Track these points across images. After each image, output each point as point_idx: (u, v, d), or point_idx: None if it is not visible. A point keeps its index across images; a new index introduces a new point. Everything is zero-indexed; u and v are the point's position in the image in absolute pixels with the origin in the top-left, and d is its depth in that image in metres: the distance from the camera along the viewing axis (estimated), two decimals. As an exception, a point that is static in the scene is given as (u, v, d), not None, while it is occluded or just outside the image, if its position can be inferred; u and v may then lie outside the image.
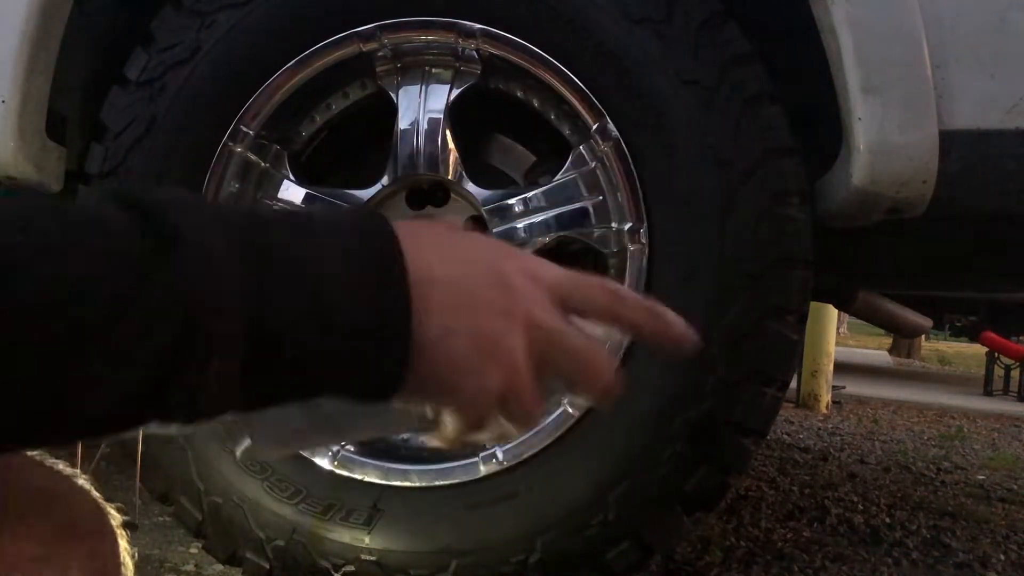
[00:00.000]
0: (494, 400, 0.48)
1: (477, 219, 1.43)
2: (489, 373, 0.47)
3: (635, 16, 1.29)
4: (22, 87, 1.38)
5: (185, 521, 1.45)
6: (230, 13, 1.40)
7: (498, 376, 0.47)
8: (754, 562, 1.83)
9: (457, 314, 0.46)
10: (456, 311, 0.46)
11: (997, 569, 1.95)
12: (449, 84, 1.41)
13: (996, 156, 1.20)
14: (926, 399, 6.10)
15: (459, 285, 0.47)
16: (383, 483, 1.38)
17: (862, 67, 1.19)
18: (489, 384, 0.47)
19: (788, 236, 1.28)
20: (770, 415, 1.34)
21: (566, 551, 1.31)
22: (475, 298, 0.47)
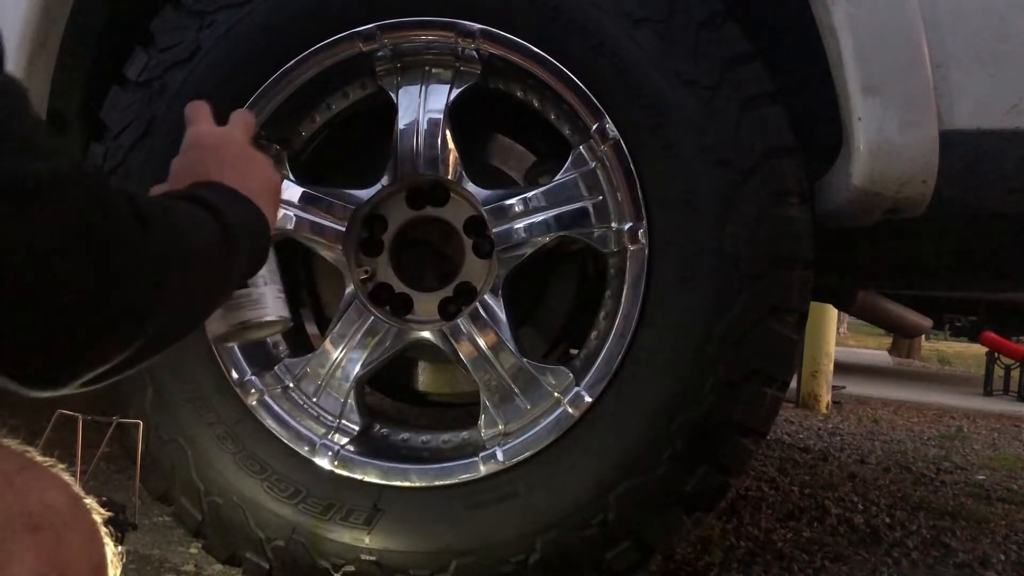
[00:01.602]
0: (279, 192, 0.97)
1: (476, 219, 1.43)
2: (272, 183, 0.95)
3: (635, 16, 1.29)
4: (22, 87, 1.38)
5: (185, 521, 1.45)
6: (230, 13, 1.40)
7: (275, 178, 0.97)
8: (754, 562, 1.83)
9: (248, 182, 0.89)
10: (247, 182, 0.89)
11: (997, 569, 1.95)
12: (449, 84, 1.41)
13: (996, 156, 1.20)
14: (926, 399, 6.10)
15: (239, 176, 0.90)
16: (383, 483, 1.38)
17: (862, 67, 1.19)
18: (270, 178, 0.95)
19: (788, 236, 1.28)
20: (770, 415, 1.34)
21: (566, 551, 1.31)
22: (243, 171, 0.91)
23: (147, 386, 1.43)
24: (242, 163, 0.93)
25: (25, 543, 0.52)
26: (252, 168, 0.93)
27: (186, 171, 0.91)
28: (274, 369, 1.45)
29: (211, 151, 0.94)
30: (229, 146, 0.95)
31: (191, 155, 0.95)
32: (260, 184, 0.91)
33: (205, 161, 0.92)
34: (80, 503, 0.57)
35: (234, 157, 0.93)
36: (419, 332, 1.44)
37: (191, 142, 0.97)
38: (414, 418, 2.45)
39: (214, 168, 0.90)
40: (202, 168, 0.90)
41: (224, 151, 0.94)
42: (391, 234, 1.48)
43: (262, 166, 0.96)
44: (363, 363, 1.43)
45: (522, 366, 1.37)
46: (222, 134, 0.98)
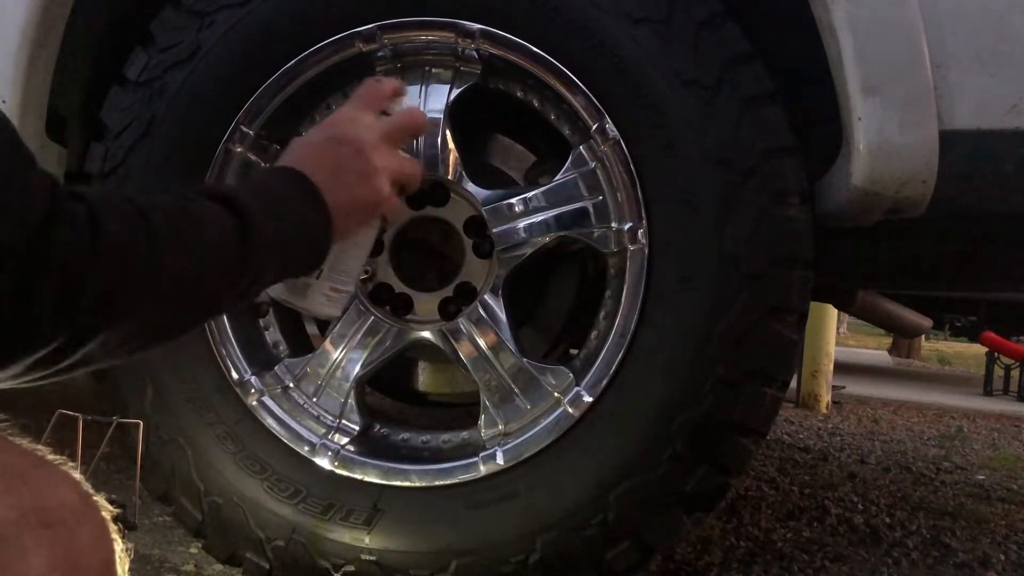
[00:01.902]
0: (376, 212, 0.96)
1: (476, 219, 1.43)
2: (365, 194, 0.92)
3: (635, 16, 1.29)
4: (22, 87, 1.38)
5: (185, 521, 1.45)
6: (230, 13, 1.40)
7: (377, 200, 0.94)
8: (754, 562, 1.83)
9: (341, 186, 0.88)
10: (340, 186, 0.88)
11: (997, 569, 1.95)
12: (449, 84, 1.41)
13: (996, 156, 1.20)
14: (926, 399, 6.10)
15: (334, 174, 0.88)
16: (383, 483, 1.38)
17: (862, 67, 1.19)
18: (368, 196, 0.92)
19: (788, 236, 1.28)
20: (770, 415, 1.34)
21: (566, 551, 1.31)
22: (346, 173, 0.89)
23: (147, 386, 1.43)
24: (348, 170, 0.90)
25: (39, 538, 0.53)
26: (353, 180, 0.90)
27: (302, 145, 0.91)
28: (274, 369, 1.45)
29: (329, 142, 0.91)
30: (350, 144, 0.92)
31: (318, 134, 0.93)
32: (351, 197, 0.89)
33: (318, 148, 0.90)
34: (90, 500, 0.58)
35: (345, 159, 0.90)
36: (419, 332, 1.44)
37: (335, 119, 0.96)
38: (414, 418, 2.45)
39: (316, 160, 0.88)
40: (310, 153, 0.89)
41: (339, 148, 0.91)
42: (391, 234, 1.48)
43: (368, 182, 0.92)
44: (363, 363, 1.43)
45: (522, 366, 1.37)
46: (360, 129, 0.94)
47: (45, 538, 0.53)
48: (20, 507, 0.53)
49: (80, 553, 0.55)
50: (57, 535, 0.54)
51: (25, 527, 0.52)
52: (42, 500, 0.54)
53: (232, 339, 1.44)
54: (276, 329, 1.53)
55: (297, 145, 0.93)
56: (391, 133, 0.96)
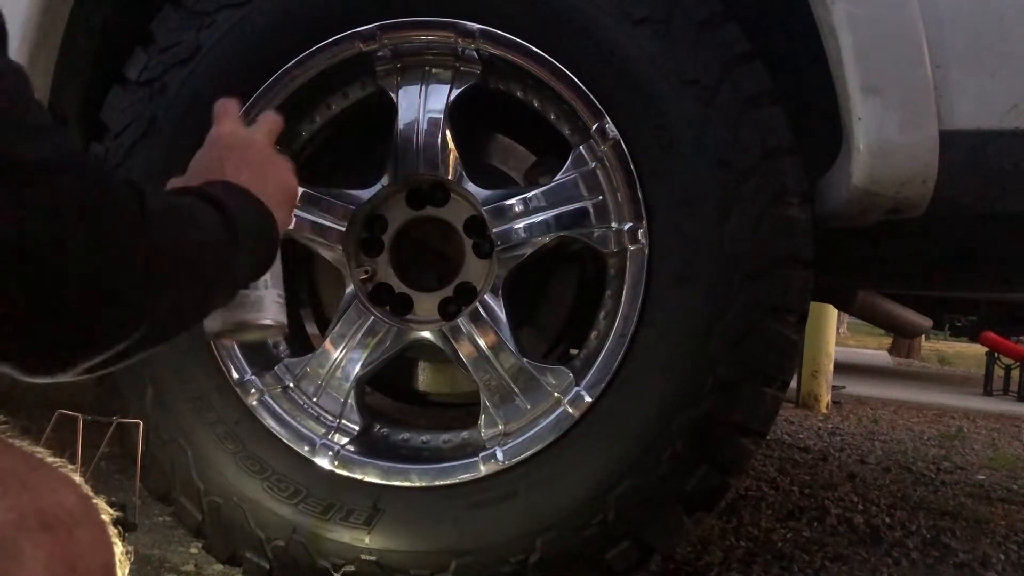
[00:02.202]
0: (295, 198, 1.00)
1: (476, 219, 1.43)
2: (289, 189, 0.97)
3: (635, 16, 1.29)
4: (22, 87, 1.38)
5: (185, 521, 1.45)
6: (230, 13, 1.40)
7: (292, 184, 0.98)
8: (754, 562, 1.83)
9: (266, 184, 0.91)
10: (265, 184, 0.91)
11: (997, 569, 1.95)
12: (449, 84, 1.41)
13: (996, 156, 1.20)
14: (926, 399, 6.10)
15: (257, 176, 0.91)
16: (383, 483, 1.38)
17: (862, 67, 1.19)
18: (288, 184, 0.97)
19: (788, 236, 1.28)
20: (770, 415, 1.34)
21: (566, 551, 1.31)
22: (264, 170, 0.93)
23: (147, 386, 1.43)
24: (261, 166, 0.94)
25: (38, 541, 0.53)
26: (270, 171, 0.95)
27: (204, 167, 0.92)
28: (274, 369, 1.45)
29: (232, 150, 0.95)
30: (250, 147, 0.97)
31: (211, 152, 0.96)
32: (276, 188, 0.93)
33: (224, 160, 0.93)
34: (90, 503, 0.58)
35: (254, 159, 0.95)
36: (419, 332, 1.44)
37: (213, 139, 0.98)
38: (414, 418, 2.45)
39: (231, 168, 0.91)
40: (219, 167, 0.91)
41: (245, 152, 0.95)
42: (391, 234, 1.48)
43: (280, 170, 0.97)
44: (363, 363, 1.43)
45: (522, 366, 1.37)
46: (245, 135, 0.99)
47: (43, 541, 0.53)
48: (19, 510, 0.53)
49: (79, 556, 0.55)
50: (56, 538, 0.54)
51: (23, 530, 0.52)
52: (41, 503, 0.54)
53: (232, 339, 1.44)
54: (276, 329, 1.53)
55: (202, 165, 0.94)
56: (269, 133, 1.03)
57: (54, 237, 0.58)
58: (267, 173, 0.94)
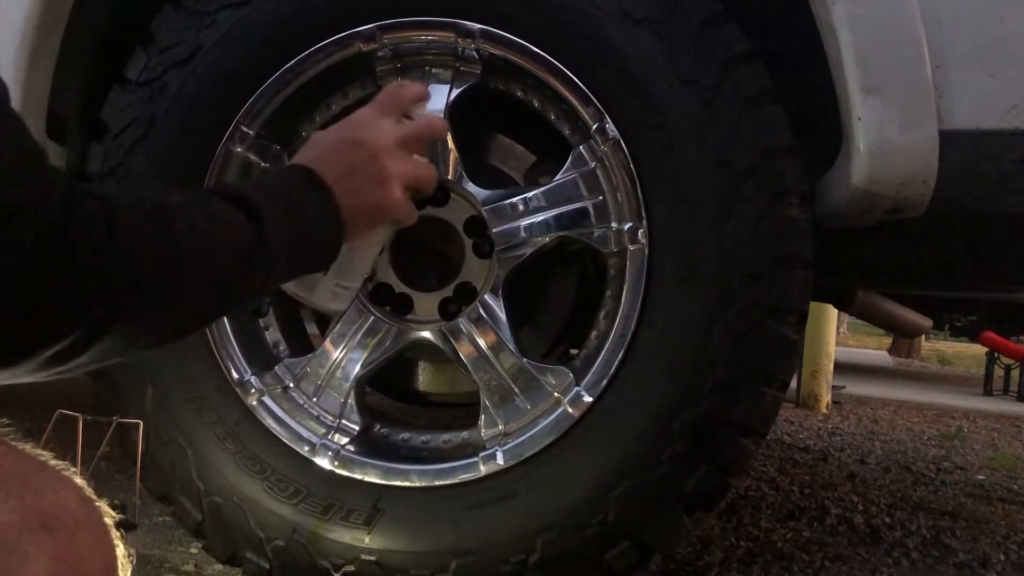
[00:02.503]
0: (388, 217, 0.98)
1: (476, 219, 1.43)
2: (377, 198, 0.94)
3: (635, 16, 1.29)
4: (22, 87, 1.38)
5: (185, 521, 1.45)
6: (230, 13, 1.40)
7: (388, 205, 0.95)
8: (754, 562, 1.83)
9: (353, 190, 0.90)
10: (353, 190, 0.90)
11: (997, 569, 1.95)
12: (449, 84, 1.41)
13: (996, 156, 1.20)
14: (926, 399, 6.10)
15: (348, 176, 0.90)
16: (383, 483, 1.38)
17: (862, 67, 1.19)
18: (379, 201, 0.94)
19: (788, 236, 1.28)
20: (770, 415, 1.34)
21: (566, 551, 1.31)
22: (360, 177, 0.91)
23: (147, 386, 1.43)
24: (365, 172, 0.92)
25: (41, 543, 0.53)
26: (365, 184, 0.92)
27: (315, 143, 0.93)
28: (274, 369, 1.45)
29: (346, 144, 0.93)
30: (365, 148, 0.93)
31: (333, 133, 0.95)
32: (364, 199, 0.91)
33: (334, 149, 0.92)
34: (92, 505, 0.58)
35: (359, 162, 0.92)
36: (419, 332, 1.44)
37: (354, 121, 0.97)
38: (414, 418, 2.45)
39: (333, 160, 0.90)
40: (324, 153, 0.91)
41: (355, 150, 0.93)
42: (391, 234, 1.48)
43: (381, 186, 0.93)
44: (363, 363, 1.43)
45: (522, 366, 1.37)
46: (373, 134, 0.95)
47: (46, 543, 0.53)
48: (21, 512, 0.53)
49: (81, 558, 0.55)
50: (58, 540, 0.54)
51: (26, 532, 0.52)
52: (43, 505, 0.54)
53: (232, 339, 1.44)
54: (276, 329, 1.53)
55: (315, 143, 0.94)
56: (408, 139, 0.98)
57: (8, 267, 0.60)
58: (361, 185, 0.91)
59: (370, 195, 0.92)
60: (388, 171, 0.94)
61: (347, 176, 0.90)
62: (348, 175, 0.90)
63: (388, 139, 0.96)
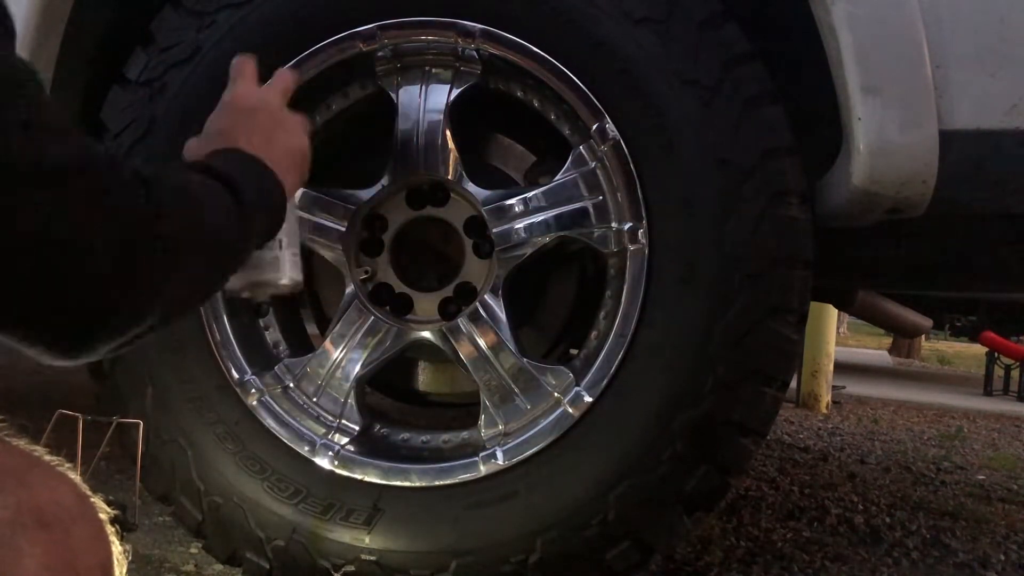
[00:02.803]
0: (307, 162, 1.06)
1: (476, 219, 1.43)
2: (296, 146, 1.03)
3: (635, 16, 1.29)
4: (22, 87, 1.38)
5: (185, 521, 1.45)
6: (230, 13, 1.40)
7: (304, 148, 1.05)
8: (754, 562, 1.83)
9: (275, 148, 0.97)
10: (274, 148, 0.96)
11: (997, 569, 1.95)
12: (449, 84, 1.41)
13: (996, 156, 1.20)
14: (926, 399, 6.10)
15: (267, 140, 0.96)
16: (383, 483, 1.38)
17: (862, 67, 1.19)
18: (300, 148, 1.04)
19: (788, 236, 1.28)
20: (770, 415, 1.34)
21: (566, 551, 1.31)
22: (275, 134, 0.99)
23: (147, 386, 1.43)
24: (272, 131, 0.99)
25: (36, 538, 0.53)
26: (280, 135, 1.00)
27: (217, 131, 0.97)
28: (274, 369, 1.45)
29: (244, 114, 1.00)
30: (262, 110, 1.02)
31: (225, 116, 1.01)
32: (285, 152, 0.99)
33: (236, 125, 0.98)
34: (87, 501, 0.58)
35: (265, 124, 1.00)
36: (419, 332, 1.44)
37: (227, 101, 1.03)
38: (414, 418, 2.45)
39: (243, 134, 0.95)
40: (232, 132, 0.96)
41: (256, 116, 1.00)
42: (391, 234, 1.48)
43: (291, 133, 1.02)
44: (363, 363, 1.43)
45: (522, 366, 1.37)
46: (258, 97, 1.04)
47: (40, 538, 0.53)
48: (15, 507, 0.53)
49: (76, 554, 0.55)
50: (52, 535, 0.54)
51: (19, 527, 0.52)
52: (38, 500, 0.54)
53: (232, 339, 1.44)
54: (276, 329, 1.53)
55: (215, 129, 0.99)
56: (284, 93, 1.08)
57: (73, 238, 0.62)
58: (277, 137, 0.99)
59: (290, 145, 1.01)
60: (292, 120, 1.04)
61: (265, 140, 0.97)
62: (265, 138, 0.97)
63: (272, 97, 1.05)
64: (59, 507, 0.55)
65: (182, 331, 1.41)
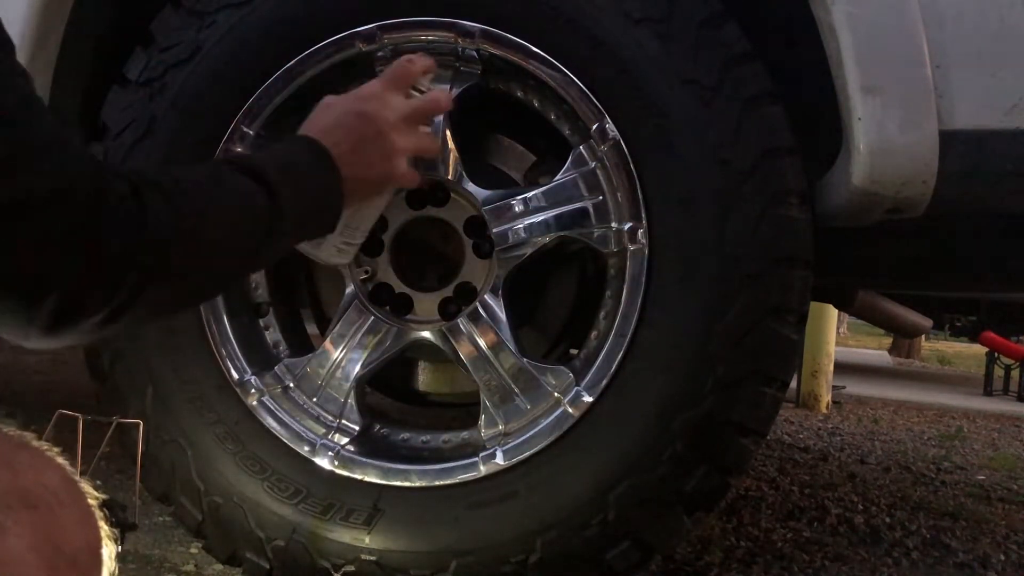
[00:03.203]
0: (391, 186, 1.09)
1: (476, 219, 1.43)
2: (382, 171, 1.02)
3: (635, 16, 1.29)
4: (22, 87, 1.38)
5: (185, 521, 1.45)
6: (230, 13, 1.40)
7: (392, 177, 1.04)
8: (754, 562, 1.83)
9: (359, 163, 0.97)
10: (358, 162, 0.97)
11: (997, 569, 1.95)
12: (449, 84, 1.41)
13: (996, 156, 1.20)
14: (926, 399, 6.10)
15: (354, 150, 0.96)
16: (383, 483, 1.38)
17: (862, 67, 1.19)
18: (384, 174, 1.03)
19: (788, 236, 1.28)
20: (770, 415, 1.34)
21: (566, 551, 1.31)
22: (365, 151, 0.98)
23: (147, 386, 1.43)
24: (371, 146, 0.99)
25: (22, 519, 0.53)
26: (372, 150, 0.99)
27: (325, 113, 0.99)
28: (274, 369, 1.45)
29: (360, 116, 0.99)
30: (377, 123, 1.00)
31: (347, 104, 1.01)
32: (367, 172, 0.99)
33: (343, 122, 0.98)
34: (75, 484, 0.58)
35: (371, 137, 0.99)
36: (419, 332, 1.44)
37: (365, 93, 1.03)
38: (414, 418, 2.45)
39: (341, 132, 0.95)
40: (333, 124, 0.96)
41: (369, 125, 0.99)
42: (391, 234, 1.48)
43: (386, 160, 1.01)
44: (363, 363, 1.43)
45: (522, 366, 1.37)
46: (389, 109, 1.02)
47: (26, 519, 0.53)
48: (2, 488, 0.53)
49: (62, 535, 0.55)
50: (39, 516, 0.54)
51: (5, 507, 0.52)
52: (24, 482, 0.54)
53: (232, 339, 1.44)
54: (276, 329, 1.53)
55: (324, 112, 0.99)
56: (415, 114, 1.05)
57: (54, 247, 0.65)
58: (369, 157, 0.98)
59: (375, 168, 0.99)
60: (394, 146, 1.01)
61: (353, 150, 0.96)
62: (354, 149, 0.96)
63: (395, 114, 1.02)
64: (45, 489, 0.55)
65: (182, 331, 1.41)
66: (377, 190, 1.04)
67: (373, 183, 1.01)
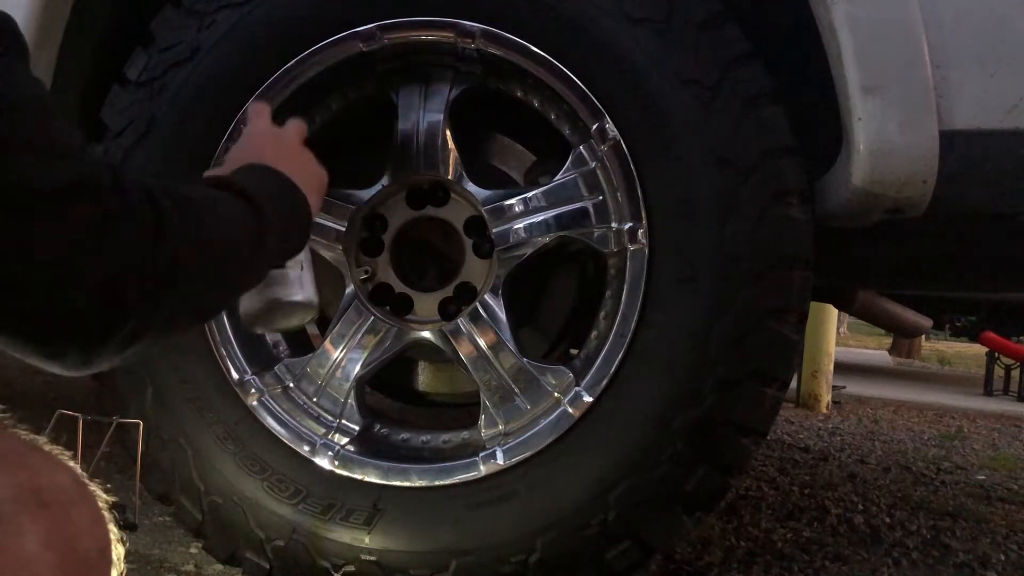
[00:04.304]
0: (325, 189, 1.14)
1: (476, 219, 1.43)
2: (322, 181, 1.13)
3: (635, 16, 1.29)
4: (22, 87, 1.38)
5: (185, 521, 1.45)
6: (230, 13, 1.40)
7: (324, 178, 1.14)
8: (754, 562, 1.83)
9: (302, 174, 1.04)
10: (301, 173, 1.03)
11: (997, 569, 1.95)
12: (449, 84, 1.41)
13: (996, 156, 1.20)
14: (926, 399, 6.11)
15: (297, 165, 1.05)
16: (383, 483, 1.38)
17: (862, 67, 1.19)
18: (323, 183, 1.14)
19: (788, 236, 1.28)
20: (770, 415, 1.34)
21: (566, 551, 1.31)
22: (301, 163, 1.09)
23: (147, 386, 1.43)
24: (295, 156, 1.10)
25: (36, 518, 0.53)
26: (303, 160, 1.11)
27: (245, 156, 1.05)
28: (274, 369, 1.45)
29: (270, 142, 1.10)
30: (284, 141, 1.12)
31: (252, 142, 1.11)
32: (309, 174, 1.08)
33: (263, 148, 1.07)
34: (86, 487, 0.59)
35: (289, 149, 1.11)
36: (419, 332, 1.44)
37: (252, 133, 1.14)
38: (414, 418, 2.45)
39: (271, 155, 1.04)
40: (260, 154, 1.04)
41: (281, 143, 1.11)
42: (391, 234, 1.48)
43: (312, 160, 1.13)
44: (363, 363, 1.43)
45: (522, 366, 1.37)
46: (279, 131, 1.15)
47: (41, 517, 0.54)
48: (15, 487, 0.53)
49: (76, 535, 0.55)
50: (53, 515, 0.54)
51: (21, 506, 0.53)
52: (39, 481, 0.55)
53: (232, 339, 1.44)
54: (276, 329, 1.53)
55: (243, 155, 1.05)
56: (297, 133, 1.16)
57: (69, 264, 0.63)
58: (301, 161, 1.10)
59: (313, 174, 1.10)
60: (305, 149, 1.13)
61: (296, 165, 1.05)
62: (295, 164, 1.05)
63: (294, 135, 1.15)
64: (59, 489, 0.56)
65: (182, 331, 1.41)
66: (320, 196, 1.12)
67: (317, 189, 1.09)
